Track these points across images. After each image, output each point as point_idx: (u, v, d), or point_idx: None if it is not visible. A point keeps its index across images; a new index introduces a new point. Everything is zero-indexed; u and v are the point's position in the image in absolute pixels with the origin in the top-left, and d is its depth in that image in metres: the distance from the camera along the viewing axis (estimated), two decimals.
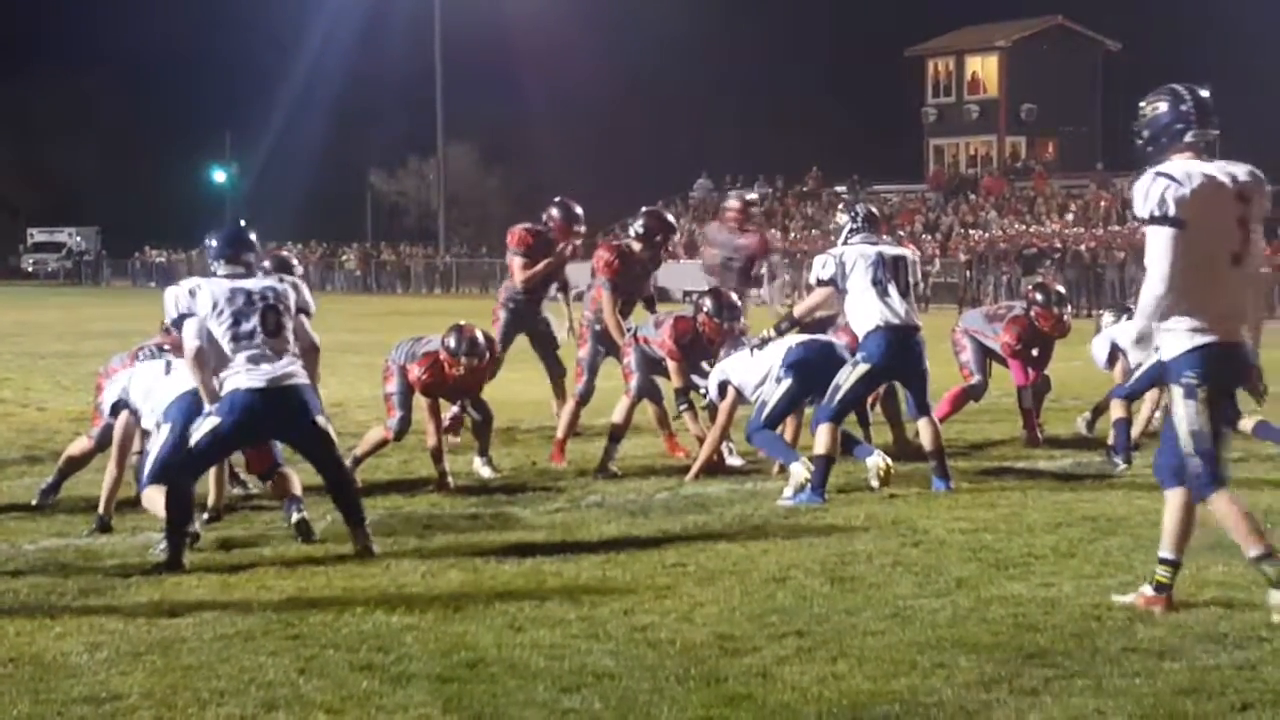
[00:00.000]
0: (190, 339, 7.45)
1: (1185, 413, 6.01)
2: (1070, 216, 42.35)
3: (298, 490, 7.87)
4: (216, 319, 7.40)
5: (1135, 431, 10.84)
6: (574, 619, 6.09)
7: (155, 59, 70.33)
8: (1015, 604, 6.26)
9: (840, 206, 10.91)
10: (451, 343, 9.45)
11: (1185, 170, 5.96)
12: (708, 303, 10.10)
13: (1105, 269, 35.82)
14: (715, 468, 9.90)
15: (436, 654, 5.61)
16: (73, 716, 4.92)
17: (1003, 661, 5.44)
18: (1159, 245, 5.93)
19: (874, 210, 9.81)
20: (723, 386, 9.83)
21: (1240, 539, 5.98)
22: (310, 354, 7.85)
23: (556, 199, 11.90)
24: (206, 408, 7.43)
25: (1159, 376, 10.56)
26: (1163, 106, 6.14)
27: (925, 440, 9.34)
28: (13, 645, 5.73)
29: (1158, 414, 11.47)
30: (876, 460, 9.20)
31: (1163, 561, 6.18)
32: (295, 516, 7.71)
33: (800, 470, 8.95)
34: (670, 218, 11.54)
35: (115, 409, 8.21)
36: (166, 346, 8.76)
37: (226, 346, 7.38)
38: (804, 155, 53.89)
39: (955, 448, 10.77)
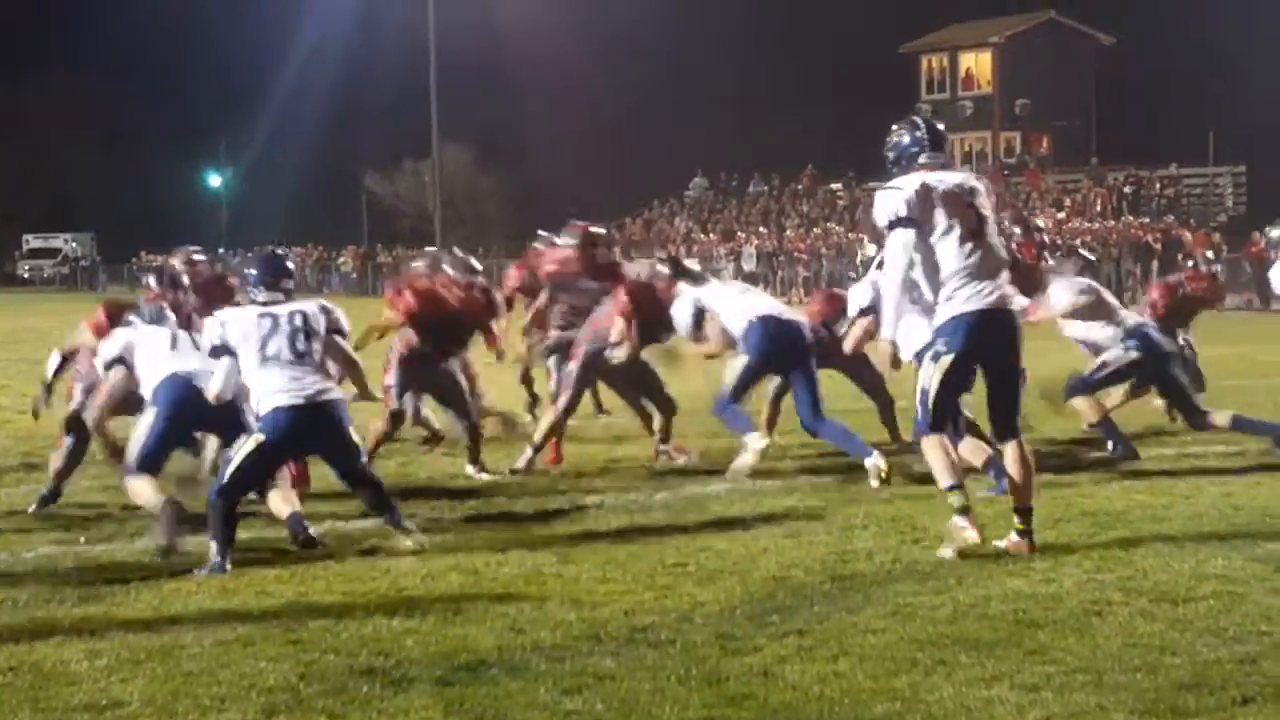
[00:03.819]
0: (218, 383, 7.67)
1: (926, 372, 7.08)
2: (1064, 213, 42.34)
3: (297, 505, 7.88)
4: (245, 344, 7.62)
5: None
6: (575, 620, 6.08)
7: (149, 63, 70.23)
8: (1015, 600, 6.26)
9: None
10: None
11: (905, 180, 7.08)
12: (663, 268, 10.19)
13: (1101, 263, 35.78)
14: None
15: (437, 657, 5.60)
16: None
17: (1003, 658, 5.44)
18: (896, 246, 7.02)
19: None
20: None
21: (938, 474, 7.12)
22: (354, 371, 8.10)
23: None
24: (251, 422, 7.63)
25: (1126, 371, 10.54)
26: (904, 135, 7.26)
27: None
28: (12, 653, 5.71)
29: (1158, 402, 11.41)
30: (876, 461, 9.21)
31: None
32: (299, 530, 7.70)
33: (756, 440, 9.31)
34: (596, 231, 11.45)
35: (111, 365, 8.20)
36: (164, 304, 8.67)
37: (256, 367, 7.57)
38: (799, 153, 53.89)
39: None
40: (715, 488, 9.35)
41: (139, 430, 7.90)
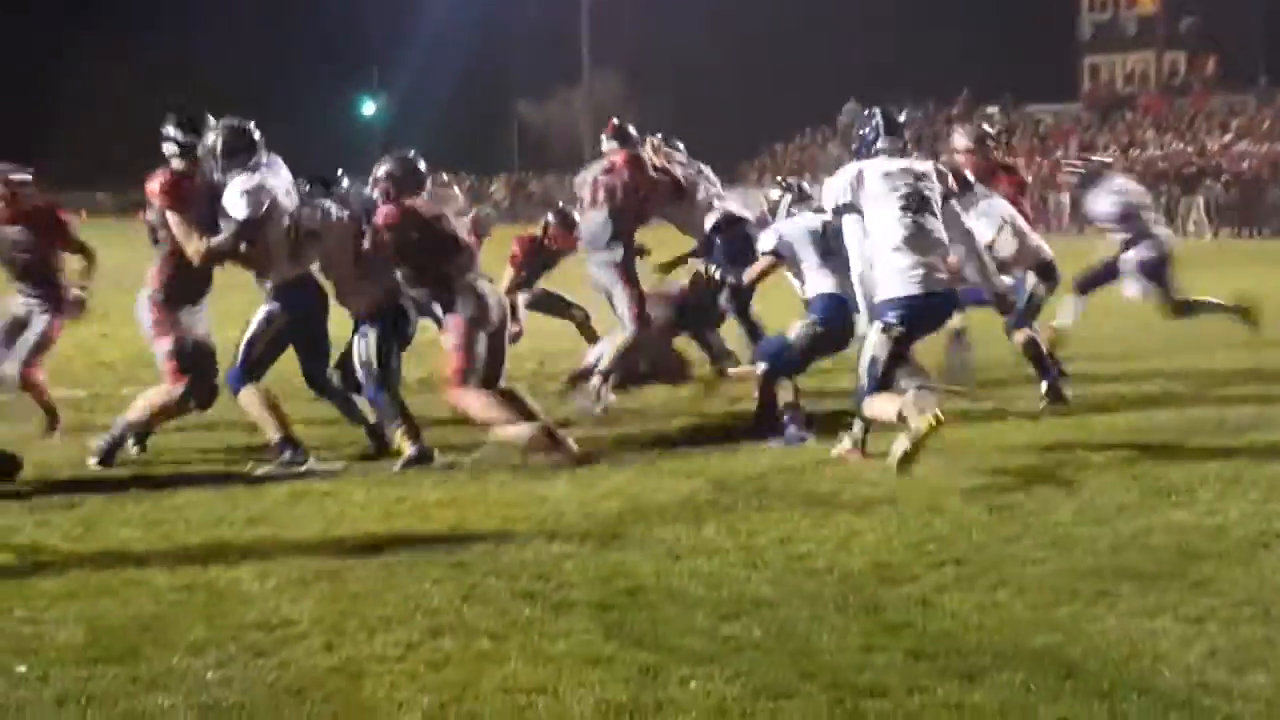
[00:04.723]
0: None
1: (874, 341, 7.59)
2: (1229, 136, 41.02)
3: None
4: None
5: None
6: (731, 548, 6.12)
7: None
8: (1179, 531, 6.16)
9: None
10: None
11: (844, 169, 7.79)
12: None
13: (1268, 187, 34.67)
14: None
15: (596, 582, 5.67)
16: (246, 641, 5.06)
17: (1167, 590, 5.35)
18: (848, 229, 7.69)
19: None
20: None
21: (887, 418, 7.35)
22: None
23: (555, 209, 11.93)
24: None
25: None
26: (865, 126, 7.90)
27: None
28: (186, 573, 5.89)
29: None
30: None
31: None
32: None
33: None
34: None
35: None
36: None
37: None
38: (955, 77, 52.82)
39: (1115, 373, 10.59)
40: None
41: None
